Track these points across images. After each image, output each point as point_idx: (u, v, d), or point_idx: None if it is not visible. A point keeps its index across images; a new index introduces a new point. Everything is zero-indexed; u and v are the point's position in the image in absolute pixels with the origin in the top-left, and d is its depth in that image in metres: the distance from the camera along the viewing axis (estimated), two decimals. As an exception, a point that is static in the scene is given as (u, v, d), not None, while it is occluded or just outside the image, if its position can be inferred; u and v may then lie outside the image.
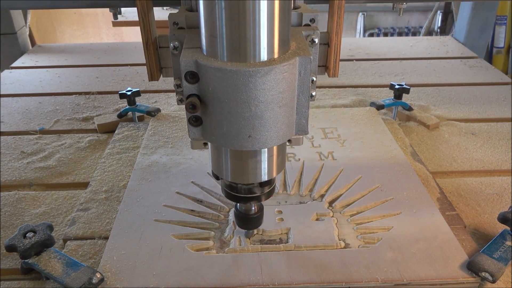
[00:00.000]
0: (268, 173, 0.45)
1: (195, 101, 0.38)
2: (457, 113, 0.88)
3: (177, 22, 0.44)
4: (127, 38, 2.80)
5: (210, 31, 0.36)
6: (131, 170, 0.68)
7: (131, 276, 0.49)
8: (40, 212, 0.62)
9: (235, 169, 0.44)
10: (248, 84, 0.36)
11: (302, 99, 0.40)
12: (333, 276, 0.49)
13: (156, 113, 0.83)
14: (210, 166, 0.47)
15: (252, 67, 0.35)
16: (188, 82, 0.38)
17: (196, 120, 0.40)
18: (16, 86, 1.02)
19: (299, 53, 0.38)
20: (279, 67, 0.36)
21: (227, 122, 0.38)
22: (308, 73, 0.38)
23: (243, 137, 0.39)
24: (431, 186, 0.64)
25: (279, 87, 0.37)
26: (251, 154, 0.42)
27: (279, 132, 0.39)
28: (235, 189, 0.46)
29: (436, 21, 2.76)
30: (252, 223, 0.52)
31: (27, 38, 1.29)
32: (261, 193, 0.47)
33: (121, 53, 1.24)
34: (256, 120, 0.38)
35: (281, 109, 0.38)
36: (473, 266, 0.49)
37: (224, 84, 0.36)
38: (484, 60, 1.16)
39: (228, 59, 0.36)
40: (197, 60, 0.37)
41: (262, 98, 0.37)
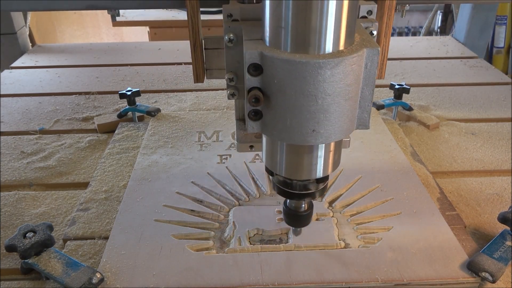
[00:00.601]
0: (324, 169, 0.43)
1: (258, 94, 0.37)
2: (457, 113, 0.88)
3: (231, 14, 0.42)
4: (127, 38, 2.79)
5: (277, 22, 0.35)
6: (131, 170, 0.68)
7: (131, 276, 0.49)
8: (40, 212, 0.62)
9: (292, 164, 0.43)
10: (317, 76, 0.35)
11: (366, 92, 0.39)
12: (333, 276, 0.49)
13: (156, 113, 0.83)
14: (264, 161, 0.45)
15: (322, 59, 0.34)
16: (250, 75, 0.37)
17: (256, 114, 0.39)
18: (16, 86, 1.02)
19: (365, 45, 0.36)
20: (349, 59, 0.35)
21: (291, 115, 0.37)
22: (375, 66, 0.37)
23: (306, 131, 0.37)
24: (431, 186, 0.64)
25: (347, 79, 0.36)
26: (310, 149, 0.41)
27: (342, 126, 0.38)
28: (289, 186, 0.45)
29: (436, 21, 2.76)
30: (302, 220, 0.50)
31: (27, 38, 1.29)
32: (316, 189, 0.45)
33: (121, 53, 1.24)
34: (321, 114, 0.36)
35: (347, 103, 0.37)
36: (473, 266, 0.49)
37: (291, 76, 0.35)
38: (484, 60, 1.16)
39: (292, 50, 0.35)
40: (262, 52, 0.36)
41: (329, 91, 0.35)
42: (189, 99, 0.94)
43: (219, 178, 0.65)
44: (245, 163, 0.69)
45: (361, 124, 0.40)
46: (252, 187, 0.63)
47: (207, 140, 0.75)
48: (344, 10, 0.34)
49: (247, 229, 0.56)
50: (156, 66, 1.14)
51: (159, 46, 1.29)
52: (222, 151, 0.72)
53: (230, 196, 0.62)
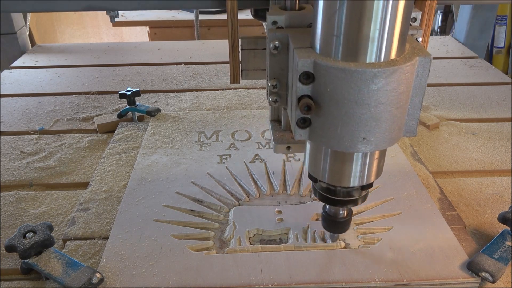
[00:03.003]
0: (368, 177, 0.43)
1: (310, 102, 0.37)
2: (457, 113, 0.88)
3: (276, 21, 0.43)
4: (127, 38, 2.80)
5: (330, 30, 0.35)
6: (131, 170, 0.68)
7: (131, 276, 0.49)
8: (40, 212, 0.62)
9: (337, 171, 0.42)
10: (371, 85, 0.35)
11: (416, 100, 0.38)
12: (333, 276, 0.49)
13: (156, 113, 0.83)
14: (307, 168, 0.45)
15: (377, 68, 0.34)
16: (302, 83, 0.37)
17: (304, 122, 0.39)
18: (16, 86, 1.02)
19: (417, 54, 0.36)
20: (403, 68, 0.35)
21: (342, 123, 0.37)
22: (426, 74, 0.37)
23: (357, 139, 0.37)
24: (431, 186, 0.64)
25: (400, 88, 0.36)
26: (357, 156, 0.41)
27: (391, 134, 0.38)
28: (333, 192, 0.45)
29: (436, 21, 2.76)
30: (341, 227, 0.50)
31: (27, 38, 1.29)
32: (359, 196, 0.45)
33: (121, 53, 1.24)
34: (373, 122, 0.36)
35: (398, 111, 0.37)
36: (473, 266, 0.49)
37: (345, 85, 0.35)
38: (484, 60, 1.16)
39: (343, 59, 0.35)
40: (315, 60, 0.36)
41: (383, 100, 0.35)
42: (189, 99, 0.94)
43: (219, 178, 0.65)
44: (245, 163, 0.69)
45: (409, 131, 0.40)
46: (252, 187, 0.63)
47: (207, 140, 0.75)
48: (398, 18, 0.34)
49: (247, 229, 0.56)
50: (156, 66, 1.14)
51: (159, 46, 1.29)
52: (222, 151, 0.72)
53: (230, 196, 0.62)
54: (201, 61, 1.16)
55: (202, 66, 1.13)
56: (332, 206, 0.48)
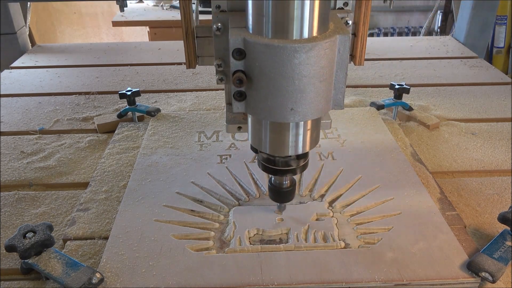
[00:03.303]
0: (304, 146, 0.47)
1: (241, 76, 0.40)
2: (457, 113, 0.88)
3: (219, 5, 0.46)
4: (127, 38, 2.80)
5: (257, 10, 0.40)
6: (131, 170, 0.68)
7: (131, 276, 0.49)
8: (40, 212, 0.62)
9: (274, 141, 0.47)
10: (293, 59, 0.38)
11: (340, 75, 0.42)
12: (333, 276, 0.49)
13: (156, 113, 0.83)
14: (249, 140, 0.50)
15: (297, 43, 0.38)
16: (235, 59, 0.40)
17: (241, 95, 0.42)
18: (16, 86, 1.02)
19: (338, 32, 0.40)
20: (322, 44, 0.39)
21: (272, 95, 0.41)
22: (347, 51, 0.41)
23: (285, 110, 0.41)
24: (431, 186, 0.64)
25: (320, 62, 0.40)
26: (290, 127, 0.45)
27: (318, 105, 0.42)
28: (272, 162, 0.49)
29: (436, 21, 2.76)
30: (285, 196, 0.54)
31: (27, 38, 1.29)
32: (297, 165, 0.49)
33: (121, 53, 1.24)
34: (298, 94, 0.40)
35: (322, 84, 0.41)
36: (473, 266, 0.49)
37: (271, 59, 0.39)
38: (484, 60, 1.16)
39: (273, 37, 0.39)
40: (245, 38, 0.40)
41: (305, 73, 0.39)
42: (189, 99, 0.94)
43: (219, 178, 0.65)
44: (245, 163, 0.69)
45: (336, 104, 0.44)
46: (252, 187, 0.63)
47: (207, 140, 0.75)
48: (316, 1, 0.39)
49: (247, 229, 0.56)
50: (156, 66, 1.14)
51: (159, 46, 1.29)
52: (222, 151, 0.72)
53: (230, 196, 0.62)
54: (201, 61, 1.16)
55: (202, 66, 1.13)
56: (273, 175, 0.52)
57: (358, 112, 0.83)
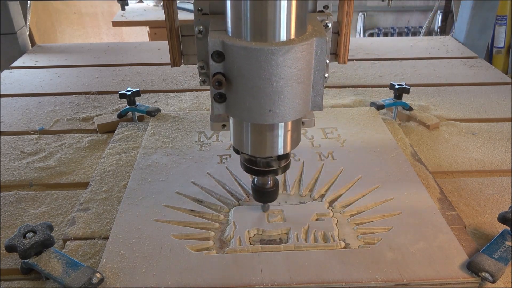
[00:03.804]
0: (284, 147, 0.48)
1: (220, 78, 0.41)
2: (457, 113, 0.88)
3: (201, 8, 0.47)
4: (127, 38, 2.80)
5: (236, 13, 0.40)
6: (131, 170, 0.68)
7: (131, 276, 0.49)
8: (40, 212, 0.62)
9: (255, 143, 0.47)
10: (270, 61, 0.39)
11: (318, 77, 0.43)
12: (333, 276, 0.49)
13: (156, 113, 0.83)
14: (231, 141, 0.50)
15: (274, 46, 0.39)
16: (214, 61, 0.41)
17: (221, 97, 0.43)
18: (16, 86, 1.02)
19: (315, 35, 0.41)
20: (298, 46, 0.39)
21: (250, 97, 0.41)
22: (324, 53, 0.42)
23: (264, 111, 0.42)
24: (431, 186, 0.64)
25: (297, 64, 0.40)
26: (270, 128, 0.46)
27: (297, 107, 0.43)
28: (254, 163, 0.50)
29: (436, 21, 2.76)
30: (268, 196, 0.55)
31: (27, 38, 1.29)
32: (278, 166, 0.50)
33: (121, 53, 1.24)
34: (276, 96, 0.41)
35: (299, 86, 0.41)
36: (473, 266, 0.49)
37: (248, 62, 0.39)
38: (484, 60, 1.16)
39: (251, 39, 0.40)
40: (223, 41, 0.40)
41: (282, 75, 0.40)
42: (189, 99, 0.94)
43: (219, 178, 0.65)
44: (245, 163, 0.69)
45: (315, 106, 0.45)
46: (252, 187, 0.63)
47: (207, 140, 0.75)
48: (293, 4, 0.39)
49: (247, 229, 0.56)
50: (156, 66, 1.14)
51: (159, 46, 1.29)
52: (222, 151, 0.72)
53: (230, 196, 0.62)
54: (201, 61, 1.16)
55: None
56: (255, 176, 0.52)
57: (358, 112, 0.83)
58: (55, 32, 2.72)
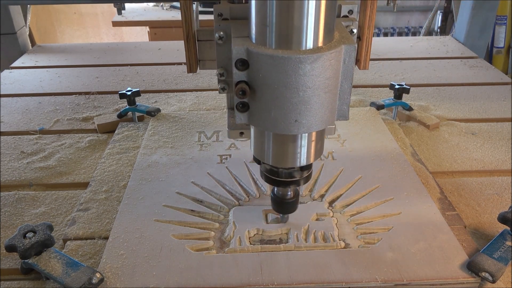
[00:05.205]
0: (308, 158, 0.46)
1: (244, 87, 0.39)
2: (457, 113, 0.88)
3: (221, 13, 0.45)
4: (127, 38, 2.80)
5: (261, 20, 0.38)
6: (131, 170, 0.68)
7: (131, 276, 0.49)
8: (40, 212, 0.62)
9: (277, 153, 0.46)
10: (298, 70, 0.38)
11: (345, 86, 0.42)
12: (333, 276, 0.49)
13: (156, 113, 0.83)
14: (252, 151, 0.49)
15: (302, 54, 0.37)
16: (238, 69, 0.40)
17: (243, 106, 0.41)
18: (16, 86, 1.02)
19: (344, 42, 0.39)
20: (327, 55, 0.38)
21: (275, 107, 0.40)
22: (352, 61, 0.40)
23: (289, 122, 0.40)
24: (431, 186, 0.64)
25: (326, 73, 0.39)
26: (293, 139, 0.44)
27: (323, 117, 0.41)
28: (275, 173, 0.48)
29: (436, 21, 2.76)
30: (288, 207, 0.53)
31: (27, 38, 1.29)
32: (300, 177, 0.48)
33: (121, 53, 1.24)
34: (303, 105, 0.39)
35: (326, 95, 0.40)
36: (473, 266, 0.49)
37: (274, 70, 0.38)
38: (484, 60, 1.16)
39: (276, 47, 0.38)
40: (248, 48, 0.39)
41: (310, 84, 0.38)
42: (189, 99, 0.94)
43: (219, 178, 0.65)
44: (245, 163, 0.69)
45: (341, 115, 0.43)
46: (252, 187, 0.63)
47: (207, 140, 0.75)
48: (322, 10, 0.37)
49: (247, 229, 0.56)
50: (156, 66, 1.14)
51: (159, 46, 1.29)
52: (222, 151, 0.72)
53: (230, 196, 0.62)
54: (201, 61, 1.16)
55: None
56: (276, 186, 0.51)
57: (358, 112, 0.83)
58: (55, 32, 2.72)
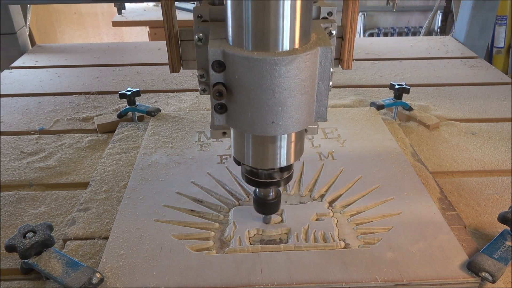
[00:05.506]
0: (287, 159, 0.47)
1: (221, 89, 0.40)
2: (457, 113, 0.88)
3: (201, 15, 0.45)
4: (127, 38, 2.80)
5: (237, 22, 0.38)
6: (131, 170, 0.68)
7: (131, 276, 0.49)
8: (40, 212, 0.62)
9: (257, 154, 0.46)
10: (273, 72, 0.38)
11: (322, 87, 0.41)
12: (333, 276, 0.49)
13: (156, 113, 0.83)
14: (232, 152, 0.49)
15: (277, 56, 0.37)
16: (214, 71, 0.40)
17: (221, 108, 0.42)
18: (16, 86, 1.02)
19: (320, 44, 0.40)
20: (302, 56, 0.38)
21: (252, 108, 0.40)
22: (328, 63, 0.40)
23: (266, 123, 0.41)
24: (431, 186, 0.64)
25: (301, 75, 0.39)
26: (272, 140, 0.45)
27: (300, 118, 0.41)
28: (256, 175, 0.49)
29: (436, 21, 2.76)
30: (270, 208, 0.53)
31: (27, 38, 1.29)
32: (280, 178, 0.49)
33: (121, 53, 1.24)
34: (279, 107, 0.40)
35: (303, 97, 0.40)
36: (473, 266, 0.49)
37: (250, 72, 0.38)
38: (484, 60, 1.16)
39: (253, 49, 0.38)
40: (224, 50, 0.39)
41: (285, 86, 0.39)
42: (189, 99, 0.94)
43: (219, 178, 0.65)
44: (245, 163, 0.69)
45: (319, 116, 0.43)
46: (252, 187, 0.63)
47: (207, 140, 0.75)
48: (297, 12, 0.37)
49: (247, 229, 0.56)
50: (156, 66, 1.14)
51: (159, 46, 1.29)
52: (222, 151, 0.72)
53: (230, 196, 0.62)
54: (201, 61, 1.16)
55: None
56: (257, 187, 0.51)
57: (358, 112, 0.83)
58: (55, 32, 2.72)
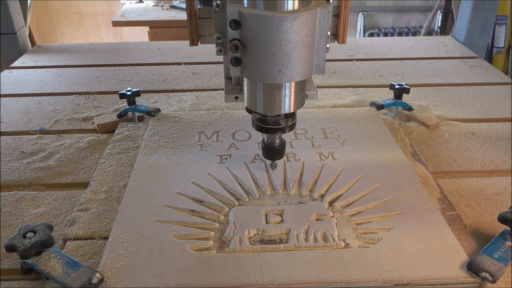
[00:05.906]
0: (291, 106, 0.54)
1: (237, 43, 0.47)
2: (457, 113, 0.88)
3: None
4: (127, 38, 2.80)
5: None
6: (131, 170, 0.68)
7: (131, 276, 0.49)
8: (40, 212, 0.62)
9: (266, 102, 0.54)
10: (280, 27, 0.45)
11: (321, 43, 0.49)
12: (333, 276, 0.49)
13: (156, 113, 0.83)
14: (245, 103, 0.56)
15: (283, 14, 0.45)
16: (232, 29, 0.47)
17: (237, 61, 0.49)
18: (16, 86, 1.02)
19: (319, 5, 0.47)
20: (304, 14, 0.46)
21: (262, 59, 0.47)
22: (326, 22, 0.48)
23: (274, 72, 0.48)
24: (431, 186, 0.64)
25: (304, 31, 0.46)
26: (278, 87, 0.52)
27: (303, 68, 0.49)
28: (264, 121, 0.56)
29: (436, 21, 2.76)
30: (276, 153, 0.61)
31: (27, 38, 1.29)
32: (285, 124, 0.56)
33: (121, 53, 1.24)
34: (285, 58, 0.47)
35: (305, 50, 0.48)
36: (473, 266, 0.49)
37: (261, 28, 0.46)
38: (484, 60, 1.16)
39: (264, 9, 0.46)
40: (240, 10, 0.46)
41: (290, 39, 0.46)
42: (189, 99, 0.94)
43: (219, 178, 0.65)
44: (245, 163, 0.69)
45: (319, 69, 0.51)
46: (252, 187, 0.63)
47: (207, 140, 0.75)
48: None
49: (247, 229, 0.56)
50: (156, 66, 1.14)
51: (159, 46, 1.29)
52: (222, 151, 0.72)
53: (230, 196, 0.62)
54: (201, 61, 1.16)
55: (202, 66, 1.13)
56: (265, 133, 0.58)
57: (358, 112, 0.83)
58: (55, 32, 2.72)
